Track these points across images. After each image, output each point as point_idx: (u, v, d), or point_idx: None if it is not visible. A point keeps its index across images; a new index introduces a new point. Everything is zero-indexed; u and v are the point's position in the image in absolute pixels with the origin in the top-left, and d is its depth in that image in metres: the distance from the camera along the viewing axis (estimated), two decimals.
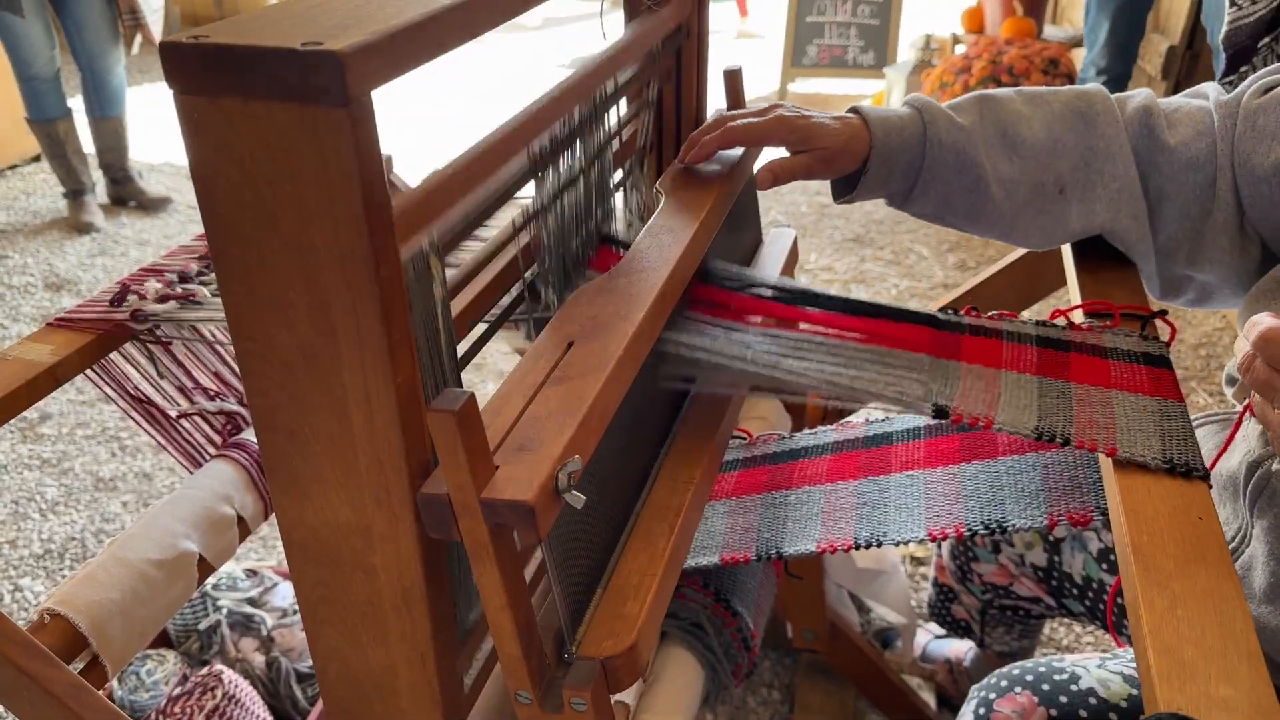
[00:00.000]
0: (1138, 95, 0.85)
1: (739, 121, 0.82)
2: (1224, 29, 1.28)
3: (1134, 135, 0.82)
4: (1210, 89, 0.88)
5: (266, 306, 0.46)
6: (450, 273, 0.59)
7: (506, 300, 0.71)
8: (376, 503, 0.51)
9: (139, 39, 2.78)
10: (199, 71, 0.42)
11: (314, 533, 0.53)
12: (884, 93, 3.70)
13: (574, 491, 0.49)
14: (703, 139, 0.83)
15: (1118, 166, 0.81)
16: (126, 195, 3.17)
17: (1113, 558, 0.98)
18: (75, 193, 3.03)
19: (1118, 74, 2.69)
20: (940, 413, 0.64)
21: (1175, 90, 2.92)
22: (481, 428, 0.48)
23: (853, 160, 0.81)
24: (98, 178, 3.20)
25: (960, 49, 3.39)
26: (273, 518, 1.00)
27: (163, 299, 0.82)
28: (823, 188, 3.43)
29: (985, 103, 0.83)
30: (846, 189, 0.85)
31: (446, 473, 0.47)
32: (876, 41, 4.19)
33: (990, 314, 0.77)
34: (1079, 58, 3.63)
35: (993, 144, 0.81)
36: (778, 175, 0.81)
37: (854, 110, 0.83)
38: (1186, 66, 2.87)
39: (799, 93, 4.49)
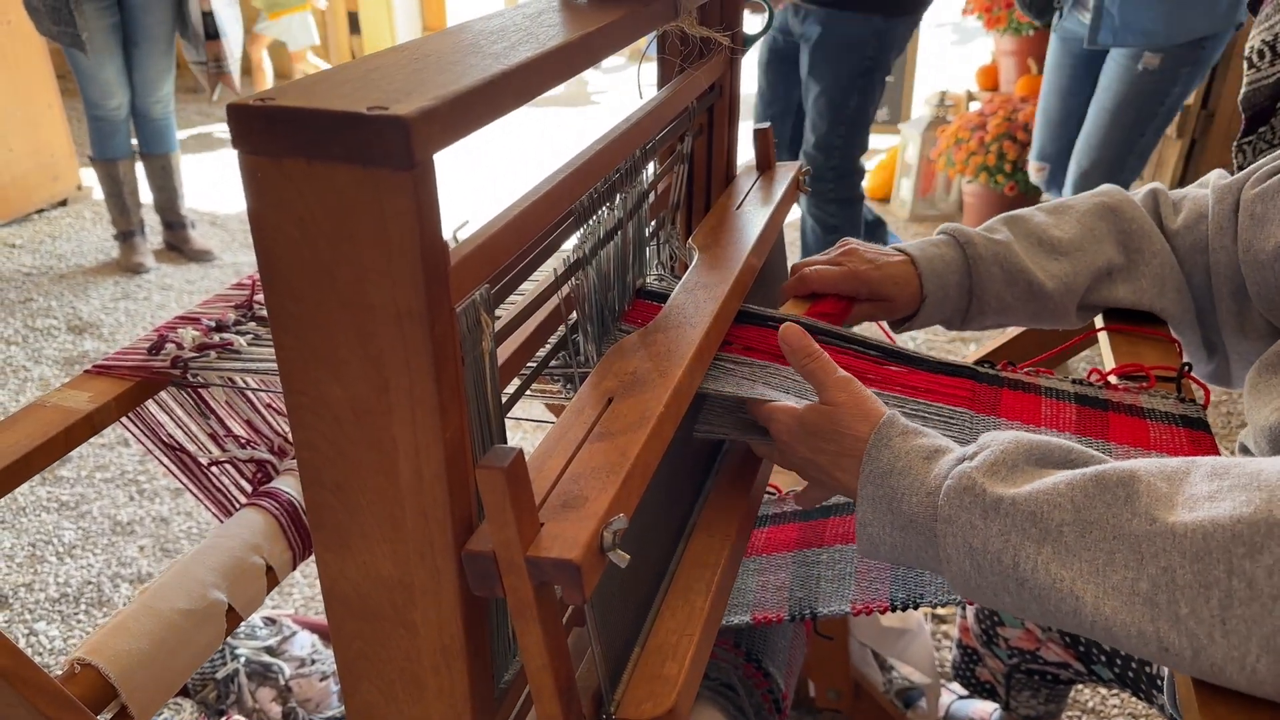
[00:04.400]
0: (1146, 186, 0.92)
1: (815, 268, 0.89)
2: (1242, 90, 1.30)
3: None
4: (1214, 176, 0.92)
5: (319, 361, 0.47)
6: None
7: (540, 354, 0.72)
8: (420, 557, 0.51)
9: (220, 86, 2.84)
10: (263, 132, 0.43)
11: (356, 587, 0.53)
12: (899, 147, 3.74)
13: (618, 550, 0.49)
14: (783, 287, 0.93)
15: (1154, 244, 0.86)
16: (176, 242, 3.21)
17: None
18: (126, 234, 3.09)
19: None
20: None
21: (1190, 149, 2.94)
22: (529, 485, 0.48)
23: (913, 299, 0.89)
24: (153, 221, 3.25)
25: (975, 106, 3.44)
26: (299, 567, 0.99)
27: (200, 348, 0.83)
28: None
29: (1012, 221, 0.91)
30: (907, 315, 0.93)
31: (493, 530, 0.47)
32: (890, 98, 4.24)
33: (1026, 369, 0.77)
34: None
35: (1033, 251, 0.88)
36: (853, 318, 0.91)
37: (899, 250, 0.91)
38: (1202, 125, 2.89)
39: None
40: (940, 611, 1.64)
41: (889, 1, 2.10)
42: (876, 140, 4.51)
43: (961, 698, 1.43)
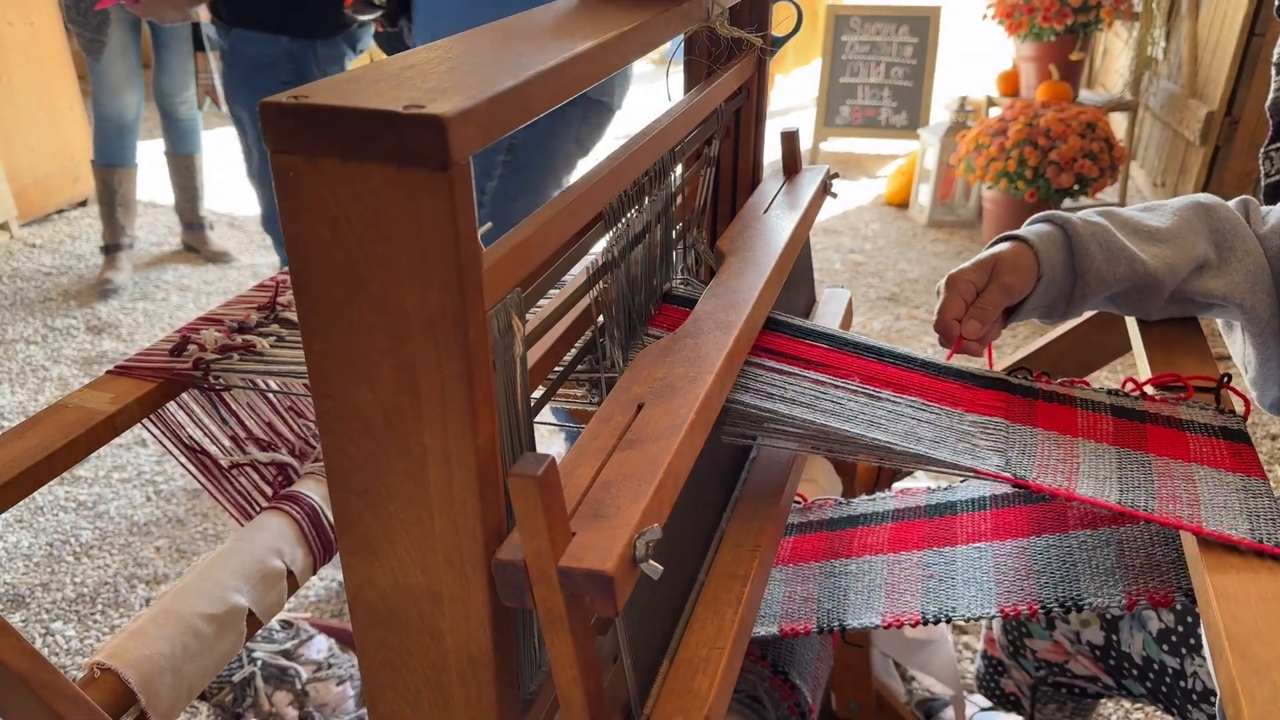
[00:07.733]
0: (1238, 197, 0.91)
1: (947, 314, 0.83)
2: (1270, 96, 1.28)
3: None
4: None
5: (350, 366, 0.46)
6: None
7: (566, 358, 0.71)
8: (448, 565, 0.50)
9: (208, 100, 2.84)
10: (297, 131, 0.42)
11: (382, 594, 0.52)
12: (917, 153, 3.71)
13: (651, 561, 0.48)
14: (952, 328, 0.84)
15: (1247, 243, 0.85)
16: (194, 243, 3.23)
17: (1174, 638, 0.94)
18: (111, 248, 3.00)
19: None
20: (1021, 484, 0.62)
21: (1214, 156, 2.91)
22: (561, 494, 0.47)
23: (1029, 277, 0.84)
24: (172, 222, 3.26)
25: (995, 111, 3.41)
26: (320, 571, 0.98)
27: (222, 349, 0.82)
28: (856, 245, 3.43)
29: (1107, 211, 0.89)
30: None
31: (524, 539, 0.46)
32: (909, 103, 4.22)
33: (1060, 380, 0.75)
34: (1116, 122, 3.64)
35: (1131, 236, 0.86)
36: (983, 319, 0.82)
37: (1007, 238, 0.88)
38: (1226, 132, 2.86)
39: (831, 151, 4.52)
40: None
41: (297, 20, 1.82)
42: (894, 145, 4.50)
43: (984, 710, 1.41)
